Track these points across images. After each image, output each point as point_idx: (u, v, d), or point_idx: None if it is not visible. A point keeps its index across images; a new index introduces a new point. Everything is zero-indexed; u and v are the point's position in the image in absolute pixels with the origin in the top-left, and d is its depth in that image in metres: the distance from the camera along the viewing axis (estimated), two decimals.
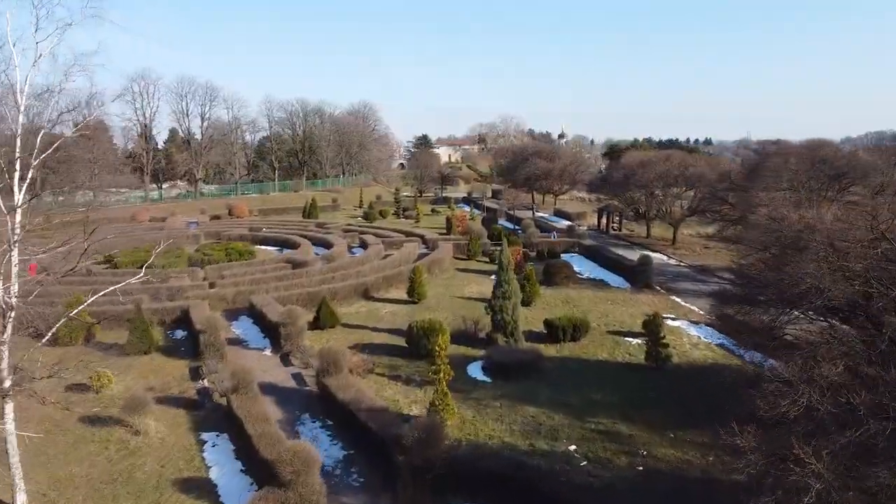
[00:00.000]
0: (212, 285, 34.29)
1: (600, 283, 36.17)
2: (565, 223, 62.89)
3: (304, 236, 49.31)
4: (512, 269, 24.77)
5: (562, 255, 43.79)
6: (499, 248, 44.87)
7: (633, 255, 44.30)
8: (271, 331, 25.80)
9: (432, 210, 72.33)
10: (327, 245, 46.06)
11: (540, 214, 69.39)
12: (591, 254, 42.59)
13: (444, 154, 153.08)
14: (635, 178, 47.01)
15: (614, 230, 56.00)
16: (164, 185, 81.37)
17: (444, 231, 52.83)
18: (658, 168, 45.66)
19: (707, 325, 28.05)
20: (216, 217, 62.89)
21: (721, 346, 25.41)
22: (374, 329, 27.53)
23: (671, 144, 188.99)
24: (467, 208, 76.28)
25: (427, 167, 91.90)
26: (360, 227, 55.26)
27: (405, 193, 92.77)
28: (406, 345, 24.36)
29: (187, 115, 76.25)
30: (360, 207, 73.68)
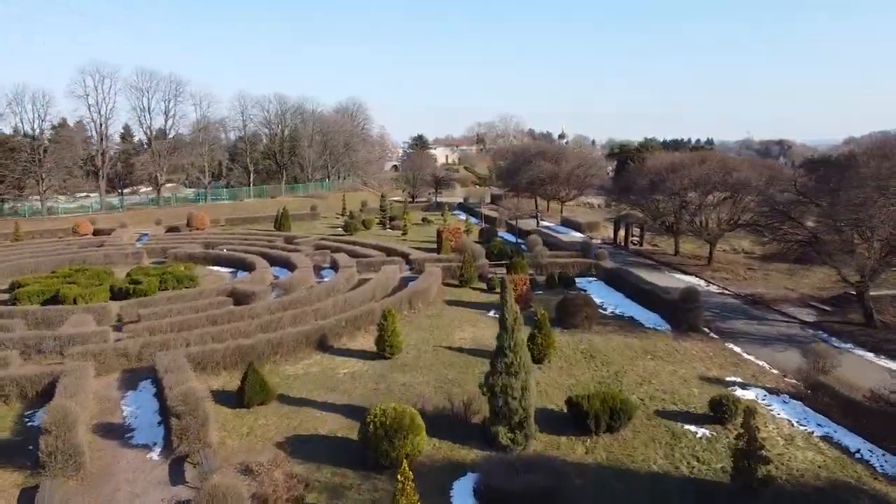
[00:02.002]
0: (125, 329, 26.21)
1: (631, 324, 28.02)
2: (576, 235, 54.86)
3: (266, 255, 41.17)
4: (520, 328, 16.61)
5: (576, 279, 35.71)
6: (499, 273, 36.65)
7: (663, 279, 36.24)
8: (169, 415, 17.65)
9: (423, 219, 64.21)
10: (291, 266, 37.94)
11: (545, 223, 61.35)
12: (614, 280, 34.42)
13: (441, 155, 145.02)
14: (664, 185, 38.93)
15: (634, 245, 47.86)
16: (126, 191, 73.27)
17: (434, 247, 44.73)
18: (693, 173, 37.53)
19: (794, 396, 19.91)
20: (173, 229, 54.72)
21: (828, 438, 17.25)
22: (324, 406, 19.38)
23: (677, 145, 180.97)
24: (463, 216, 68.21)
25: (420, 169, 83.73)
26: (336, 241, 47.09)
27: (395, 198, 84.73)
28: (359, 440, 16.23)
29: (149, 112, 68.02)
30: (343, 216, 65.55)
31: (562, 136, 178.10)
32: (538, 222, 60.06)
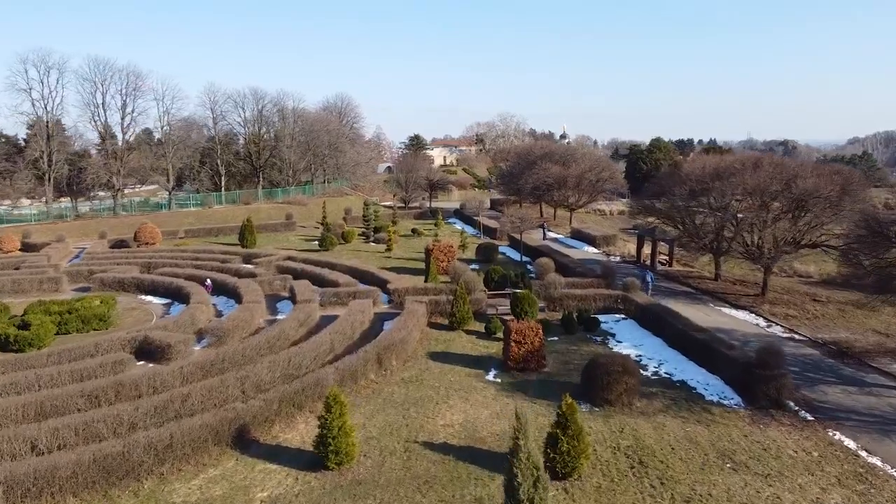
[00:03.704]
0: None
1: (685, 396, 20.12)
2: (590, 250, 47.05)
3: (215, 280, 33.36)
4: (544, 495, 8.75)
5: (598, 316, 27.87)
6: (501, 309, 28.82)
7: (710, 315, 28.52)
8: None
9: (413, 230, 56.19)
10: (238, 298, 30.12)
11: (552, 235, 53.46)
12: (650, 320, 26.50)
13: (438, 156, 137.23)
14: (707, 196, 31.11)
15: (663, 265, 39.94)
16: (82, 198, 65.38)
17: (422, 266, 36.93)
18: (748, 180, 29.64)
19: None
20: (120, 243, 46.87)
21: None
22: None
23: (683, 145, 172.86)
24: (459, 226, 60.38)
25: (412, 171, 75.68)
26: (304, 261, 39.17)
27: (386, 203, 77.04)
28: None
29: (103, 108, 60.05)
30: (323, 225, 57.69)
31: (563, 137, 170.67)
32: (545, 234, 52.16)
